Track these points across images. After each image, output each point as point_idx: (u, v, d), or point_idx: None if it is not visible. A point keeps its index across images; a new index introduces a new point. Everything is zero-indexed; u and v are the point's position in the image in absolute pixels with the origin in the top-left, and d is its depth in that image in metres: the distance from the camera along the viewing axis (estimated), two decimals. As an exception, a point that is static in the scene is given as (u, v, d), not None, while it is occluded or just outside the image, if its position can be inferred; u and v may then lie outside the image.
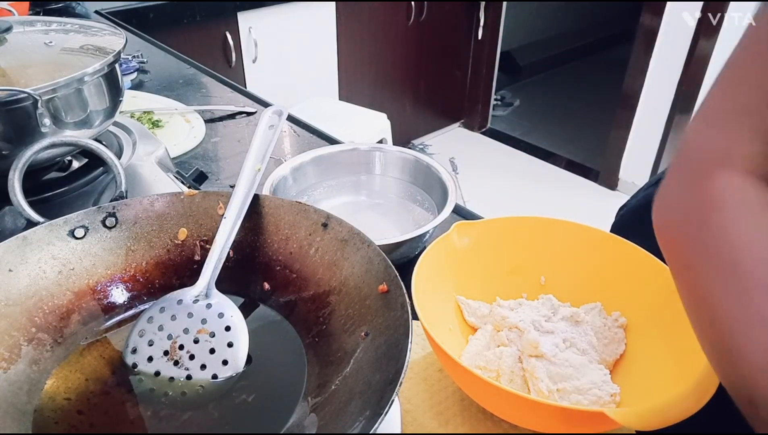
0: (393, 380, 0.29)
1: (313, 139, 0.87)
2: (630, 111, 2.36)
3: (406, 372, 0.29)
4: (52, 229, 0.40)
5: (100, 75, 0.51)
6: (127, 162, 0.57)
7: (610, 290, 0.47)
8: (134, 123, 0.66)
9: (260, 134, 0.47)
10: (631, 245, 0.46)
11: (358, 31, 2.35)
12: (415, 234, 0.52)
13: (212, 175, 0.75)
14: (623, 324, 0.45)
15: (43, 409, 0.34)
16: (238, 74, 1.98)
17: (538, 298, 0.49)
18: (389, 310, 0.34)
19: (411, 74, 2.68)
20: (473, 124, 3.10)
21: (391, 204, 0.66)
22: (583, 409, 0.35)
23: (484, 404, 0.40)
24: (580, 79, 3.72)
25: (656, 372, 0.41)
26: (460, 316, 0.48)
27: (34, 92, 0.45)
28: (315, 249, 0.41)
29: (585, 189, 2.60)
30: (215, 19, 1.85)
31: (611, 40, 4.01)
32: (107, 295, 0.41)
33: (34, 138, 0.47)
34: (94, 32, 0.58)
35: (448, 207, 0.56)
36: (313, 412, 0.33)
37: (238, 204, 0.42)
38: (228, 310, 0.39)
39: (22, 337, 0.36)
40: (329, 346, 0.37)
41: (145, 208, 0.43)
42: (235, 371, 0.36)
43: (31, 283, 0.38)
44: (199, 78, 1.11)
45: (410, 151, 0.67)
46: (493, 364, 0.42)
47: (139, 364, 0.37)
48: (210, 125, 0.90)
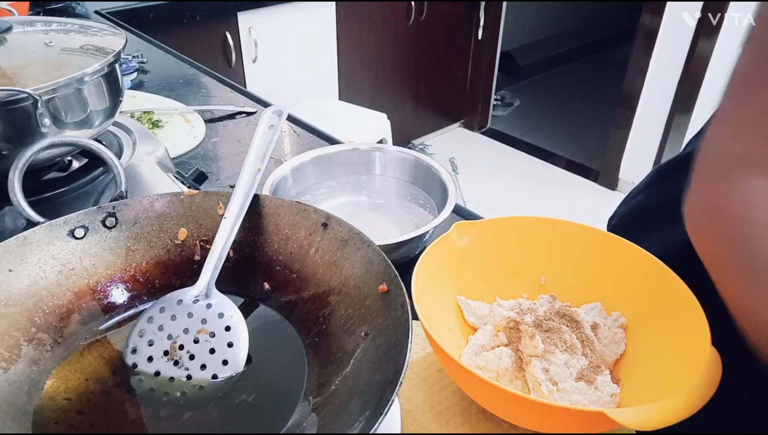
0: (393, 380, 0.29)
1: (313, 139, 0.87)
2: (630, 111, 2.36)
3: (406, 372, 0.29)
4: (52, 229, 0.40)
5: (100, 75, 0.51)
6: (127, 162, 0.57)
7: (610, 290, 0.47)
8: (134, 123, 0.66)
9: (260, 134, 0.47)
10: (631, 245, 0.46)
11: (358, 31, 2.35)
12: (415, 234, 0.52)
13: (212, 175, 0.75)
14: (623, 324, 0.45)
15: (43, 409, 0.34)
16: (238, 74, 1.98)
17: (538, 298, 0.49)
18: (389, 310, 0.34)
19: (411, 74, 2.68)
20: (473, 124, 3.10)
21: (391, 204, 0.66)
22: (583, 409, 0.35)
23: (484, 404, 0.40)
24: (580, 79, 3.72)
25: (656, 372, 0.41)
26: (460, 316, 0.48)
27: (34, 92, 0.45)
28: (315, 249, 0.41)
29: (585, 189, 2.60)
30: (215, 19, 1.85)
31: (611, 40, 4.01)
32: (107, 295, 0.41)
33: (34, 138, 0.47)
34: (94, 32, 0.58)
35: (448, 207, 0.56)
36: (313, 412, 0.33)
37: (238, 204, 0.42)
38: (228, 310, 0.38)
39: (22, 337, 0.36)
40: (329, 346, 0.37)
41: (145, 208, 0.43)
42: (235, 371, 0.36)
43: (31, 283, 0.38)
44: (199, 78, 1.11)
45: (410, 151, 0.67)
46: (493, 364, 0.42)
47: (139, 364, 0.37)
48: (210, 125, 0.90)
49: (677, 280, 0.42)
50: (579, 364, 0.42)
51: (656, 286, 0.43)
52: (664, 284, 0.43)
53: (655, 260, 0.44)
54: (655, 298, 0.44)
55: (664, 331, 0.42)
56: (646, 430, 0.31)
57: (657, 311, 0.43)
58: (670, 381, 0.38)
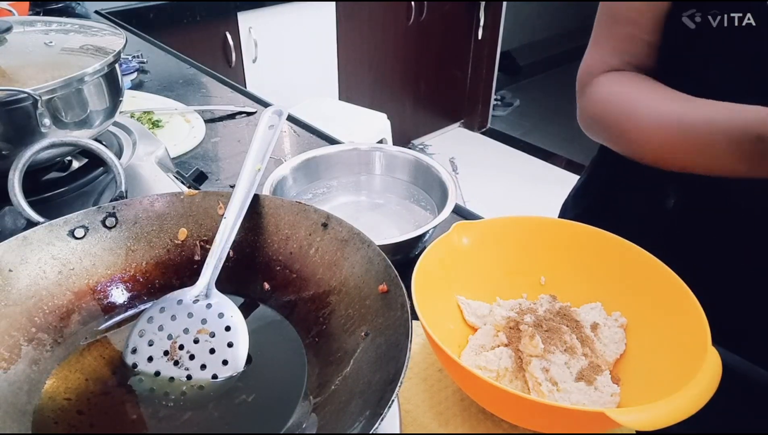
0: (393, 380, 0.29)
1: (313, 139, 0.87)
2: (630, 111, 2.35)
3: (406, 372, 0.29)
4: (52, 229, 0.40)
5: (100, 75, 0.51)
6: (127, 162, 0.57)
7: (610, 290, 0.47)
8: (134, 123, 0.66)
9: (260, 134, 0.47)
10: (631, 245, 0.46)
11: (358, 31, 2.35)
12: (415, 234, 0.52)
13: (212, 175, 0.75)
14: (623, 324, 0.45)
15: (43, 409, 0.34)
16: (238, 74, 1.99)
17: (538, 298, 0.49)
18: (389, 310, 0.34)
19: (411, 74, 2.68)
20: (473, 124, 3.10)
21: (391, 204, 0.66)
22: (583, 409, 0.35)
23: (484, 404, 0.40)
24: (580, 79, 3.72)
25: (656, 372, 0.41)
26: (460, 316, 0.48)
27: (34, 92, 0.45)
28: (315, 249, 0.41)
29: (585, 189, 2.59)
30: (215, 19, 1.85)
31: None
32: (107, 295, 0.41)
33: (34, 138, 0.47)
34: (94, 32, 0.58)
35: (448, 207, 0.56)
36: (313, 412, 0.33)
37: (238, 204, 0.42)
38: (228, 310, 0.38)
39: (22, 337, 0.36)
40: (329, 346, 0.37)
41: (145, 208, 0.43)
42: (235, 371, 0.36)
43: (31, 283, 0.38)
44: (199, 78, 1.11)
45: (410, 151, 0.67)
46: (493, 364, 0.42)
47: (139, 364, 0.37)
48: (210, 125, 0.90)
49: (677, 280, 0.42)
50: (579, 364, 0.42)
51: (656, 286, 0.43)
52: (664, 284, 0.43)
53: (655, 260, 0.44)
54: (655, 298, 0.44)
55: (664, 331, 0.42)
56: (646, 430, 0.31)
57: (657, 311, 0.43)
58: (670, 381, 0.38)
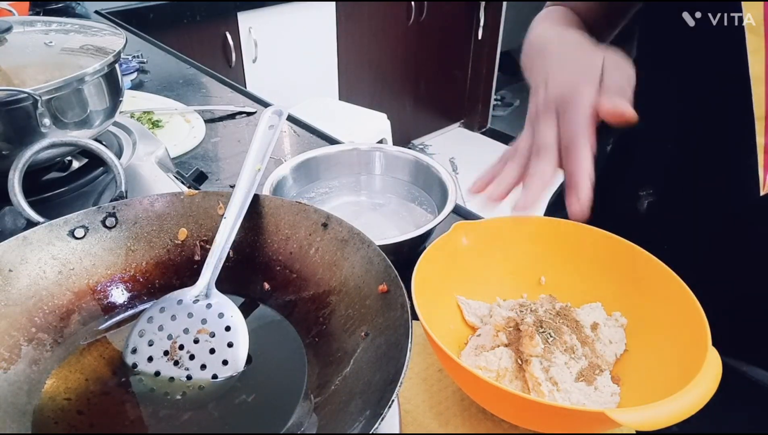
0: (393, 380, 0.29)
1: (313, 139, 0.87)
2: (630, 111, 2.35)
3: (406, 372, 0.29)
4: (52, 229, 0.40)
5: (100, 75, 0.51)
6: (127, 162, 0.57)
7: (610, 290, 0.47)
8: (134, 123, 0.66)
9: (260, 134, 0.47)
10: (631, 245, 0.46)
11: (358, 31, 2.35)
12: (415, 234, 0.52)
13: (212, 175, 0.75)
14: (623, 324, 0.45)
15: (43, 409, 0.34)
16: (238, 74, 1.99)
17: (538, 298, 0.49)
18: (389, 310, 0.34)
19: (411, 74, 2.68)
20: (473, 124, 3.10)
21: (391, 204, 0.66)
22: (583, 409, 0.35)
23: (484, 404, 0.40)
24: (580, 79, 3.71)
25: (656, 372, 0.41)
26: (460, 316, 0.48)
27: (34, 92, 0.45)
28: (315, 249, 0.41)
29: (585, 189, 2.59)
30: (215, 19, 1.85)
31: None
32: (107, 295, 0.41)
33: (34, 138, 0.47)
34: (94, 32, 0.58)
35: (448, 207, 0.56)
36: (313, 412, 0.33)
37: (238, 204, 0.42)
38: (228, 310, 0.39)
39: (22, 337, 0.36)
40: (329, 346, 0.37)
41: (145, 208, 0.43)
42: (235, 371, 0.36)
43: (31, 283, 0.38)
44: (199, 78, 1.11)
45: (410, 151, 0.67)
46: (493, 364, 0.42)
47: (139, 364, 0.37)
48: (210, 125, 0.90)
49: (677, 280, 0.42)
50: (579, 364, 0.42)
51: (656, 286, 0.43)
52: (664, 284, 0.43)
53: (655, 260, 0.44)
54: (655, 298, 0.44)
55: (664, 331, 0.42)
56: (646, 430, 0.31)
57: (657, 311, 0.43)
58: (670, 381, 0.38)
